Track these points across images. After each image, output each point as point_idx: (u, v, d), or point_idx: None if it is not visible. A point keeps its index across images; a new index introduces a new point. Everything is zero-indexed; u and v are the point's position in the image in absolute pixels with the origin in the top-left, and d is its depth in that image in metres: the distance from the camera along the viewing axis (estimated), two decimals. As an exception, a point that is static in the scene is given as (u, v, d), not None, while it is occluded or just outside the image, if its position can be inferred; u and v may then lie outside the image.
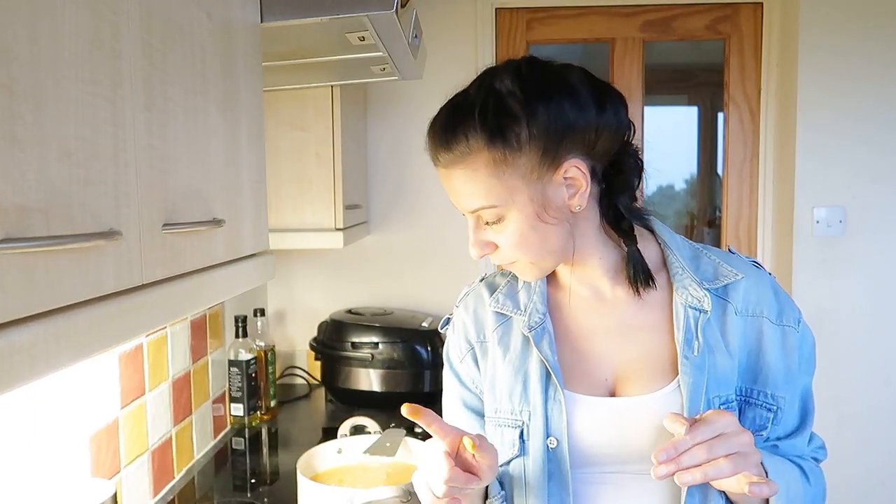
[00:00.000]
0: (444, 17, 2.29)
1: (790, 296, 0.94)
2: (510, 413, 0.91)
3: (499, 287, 0.99)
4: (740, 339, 0.88)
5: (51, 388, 1.14)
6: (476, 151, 0.82)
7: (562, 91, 0.83)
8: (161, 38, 0.72)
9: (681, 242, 0.94)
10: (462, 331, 1.00)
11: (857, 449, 2.24)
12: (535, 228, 0.85)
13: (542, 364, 0.89)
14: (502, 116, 0.82)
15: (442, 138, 0.85)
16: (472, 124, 0.82)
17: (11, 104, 0.48)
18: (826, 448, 0.98)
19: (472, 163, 0.83)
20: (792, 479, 0.86)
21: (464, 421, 0.99)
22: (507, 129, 0.81)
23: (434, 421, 0.81)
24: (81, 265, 0.56)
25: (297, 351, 2.38)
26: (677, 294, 0.89)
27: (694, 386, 0.84)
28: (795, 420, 0.92)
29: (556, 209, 0.85)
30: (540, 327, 0.91)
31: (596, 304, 0.93)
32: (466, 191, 0.85)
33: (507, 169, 0.82)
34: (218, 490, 1.60)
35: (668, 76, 3.26)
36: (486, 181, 0.83)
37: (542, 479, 0.88)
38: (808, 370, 0.93)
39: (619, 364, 0.90)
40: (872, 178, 2.19)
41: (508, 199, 0.83)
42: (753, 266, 0.93)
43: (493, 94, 0.83)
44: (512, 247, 0.86)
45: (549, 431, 0.87)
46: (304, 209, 1.82)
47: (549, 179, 0.83)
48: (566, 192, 0.84)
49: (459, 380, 1.00)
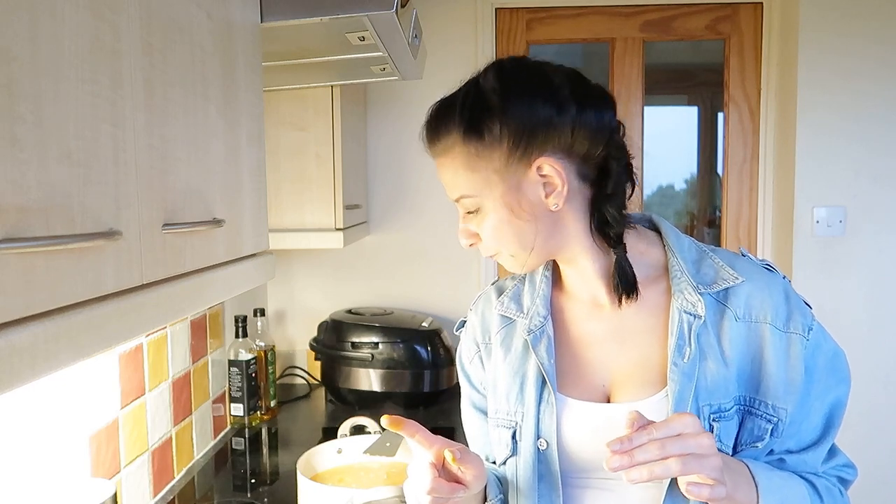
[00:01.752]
0: (444, 17, 2.29)
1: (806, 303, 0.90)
2: (506, 414, 0.92)
3: (506, 290, 0.99)
4: (742, 346, 0.85)
5: (51, 388, 1.14)
6: (455, 144, 0.86)
7: (540, 89, 0.84)
8: (161, 38, 0.72)
9: (687, 245, 0.91)
10: (472, 332, 1.02)
11: (857, 449, 2.22)
12: (510, 222, 0.86)
13: (538, 368, 0.89)
14: (479, 111, 0.85)
15: (429, 132, 0.90)
16: (452, 118, 0.86)
17: (11, 104, 0.48)
18: (855, 468, 0.92)
19: (452, 155, 0.87)
20: (793, 494, 0.83)
21: (475, 421, 1.01)
22: (482, 123, 0.84)
23: (417, 431, 0.82)
24: (81, 265, 0.56)
25: (297, 351, 2.38)
26: (674, 299, 0.87)
27: (680, 394, 0.82)
28: (814, 434, 0.87)
29: (530, 205, 0.85)
30: (539, 331, 0.91)
31: (595, 309, 0.92)
32: (448, 181, 0.89)
33: (482, 162, 0.85)
34: (218, 490, 1.60)
35: (668, 76, 3.25)
36: (464, 173, 0.86)
37: (533, 480, 0.88)
38: (833, 382, 0.87)
39: (616, 369, 0.89)
40: (872, 178, 2.19)
41: (484, 191, 0.86)
42: (766, 269, 0.90)
43: (474, 89, 0.87)
44: (490, 238, 0.89)
45: (539, 433, 0.88)
46: (304, 209, 1.82)
47: (524, 175, 0.84)
48: (542, 189, 0.85)
49: (469, 381, 1.02)
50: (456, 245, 2.57)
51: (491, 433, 0.95)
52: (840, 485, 0.91)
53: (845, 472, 0.92)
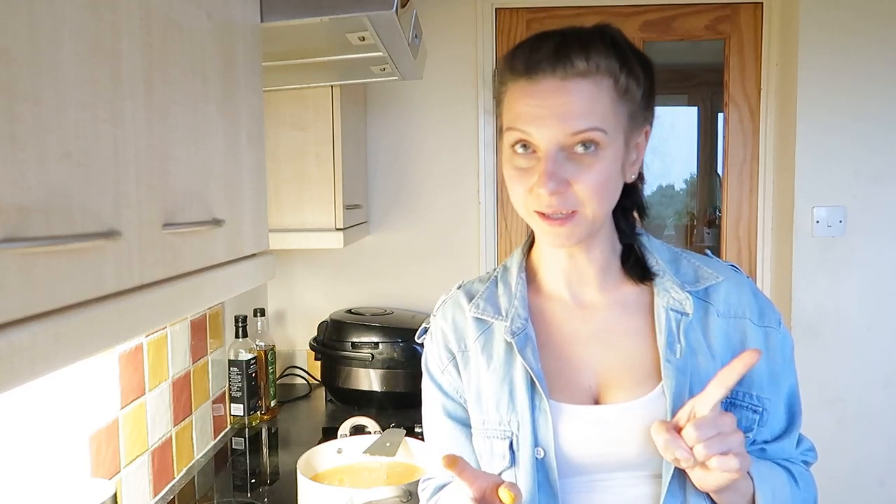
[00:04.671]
0: (444, 17, 2.29)
1: (769, 299, 0.94)
2: (498, 424, 0.88)
3: (478, 293, 0.96)
4: (724, 341, 0.87)
5: (51, 388, 1.14)
6: (606, 73, 0.80)
7: (652, 67, 0.86)
8: (161, 38, 0.72)
9: (659, 246, 0.94)
10: (441, 340, 0.96)
11: (857, 449, 2.24)
12: (615, 177, 0.83)
13: (526, 372, 0.87)
14: (629, 56, 0.82)
15: (564, 52, 0.79)
16: (604, 49, 0.80)
17: (11, 104, 0.48)
18: (816, 450, 0.97)
19: (598, 80, 0.79)
20: (779, 484, 0.85)
21: (447, 431, 0.96)
22: (633, 67, 0.82)
23: (465, 468, 0.77)
24: (81, 265, 0.56)
25: (297, 351, 2.38)
26: (658, 297, 0.88)
27: (677, 389, 0.83)
28: (782, 423, 0.91)
29: (626, 167, 0.85)
30: (522, 333, 0.89)
31: (577, 310, 0.92)
32: (583, 107, 0.79)
33: (626, 102, 0.82)
34: (218, 490, 1.60)
35: (668, 76, 3.26)
36: (608, 104, 0.80)
37: (533, 489, 0.85)
38: (792, 371, 0.92)
39: (603, 371, 0.88)
40: (872, 178, 2.19)
41: (615, 132, 0.81)
42: (732, 269, 0.93)
43: (616, 34, 0.84)
44: (591, 188, 0.80)
45: (536, 442, 0.85)
46: (304, 209, 1.82)
47: (638, 134, 0.85)
48: (633, 156, 0.86)
49: (441, 390, 0.96)
50: (456, 245, 2.55)
51: (480, 445, 0.91)
52: (806, 468, 0.95)
53: (809, 456, 0.96)
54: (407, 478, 1.41)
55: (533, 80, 0.80)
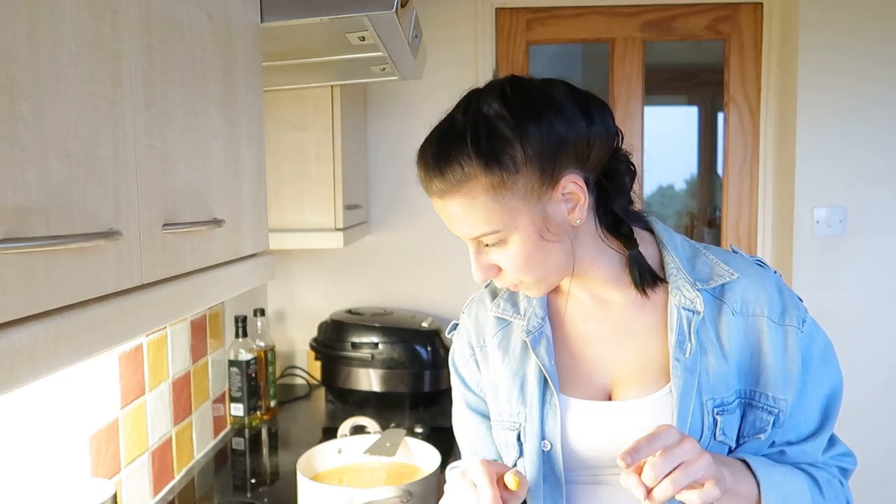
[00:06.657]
0: (444, 17, 2.29)
1: (798, 296, 0.92)
2: (509, 416, 0.93)
3: (500, 292, 1.00)
4: (740, 340, 0.87)
5: (51, 388, 1.14)
6: (473, 178, 0.80)
7: (549, 108, 0.81)
8: (161, 38, 0.72)
9: (680, 243, 0.93)
10: (465, 335, 1.02)
11: (857, 449, 2.22)
12: (539, 247, 0.84)
13: (539, 369, 0.90)
14: (495, 141, 0.80)
15: (435, 168, 0.82)
16: (465, 151, 0.80)
17: (11, 104, 0.48)
18: (855, 457, 0.94)
19: (469, 190, 0.81)
20: (794, 489, 0.84)
21: (470, 422, 1.02)
22: (502, 152, 0.79)
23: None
24: (81, 265, 0.56)
25: (297, 351, 2.38)
26: (672, 296, 0.88)
27: (684, 389, 0.84)
28: (812, 425, 0.90)
29: (557, 226, 0.84)
30: (538, 332, 0.92)
31: (594, 309, 0.93)
32: (466, 218, 0.83)
33: (506, 192, 0.80)
34: (218, 490, 1.60)
35: (668, 76, 3.26)
36: (486, 206, 0.81)
37: (538, 481, 0.89)
38: (830, 372, 0.90)
39: (617, 368, 0.90)
40: (872, 178, 2.19)
41: (510, 223, 0.82)
42: (757, 265, 0.92)
43: (482, 118, 0.81)
44: (516, 268, 0.85)
45: (543, 434, 0.89)
46: (304, 209, 1.82)
47: (549, 198, 0.82)
48: (565, 207, 0.84)
49: (464, 383, 1.03)
50: (456, 245, 2.57)
51: (497, 436, 0.96)
52: (841, 475, 0.92)
53: (845, 462, 0.94)
54: (407, 478, 1.41)
55: (429, 194, 0.86)
